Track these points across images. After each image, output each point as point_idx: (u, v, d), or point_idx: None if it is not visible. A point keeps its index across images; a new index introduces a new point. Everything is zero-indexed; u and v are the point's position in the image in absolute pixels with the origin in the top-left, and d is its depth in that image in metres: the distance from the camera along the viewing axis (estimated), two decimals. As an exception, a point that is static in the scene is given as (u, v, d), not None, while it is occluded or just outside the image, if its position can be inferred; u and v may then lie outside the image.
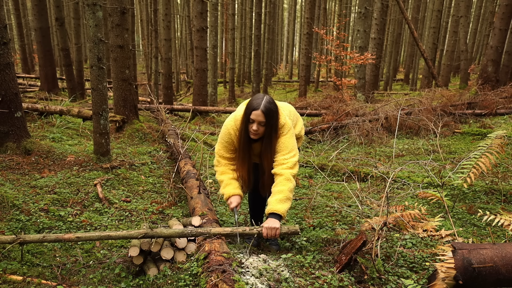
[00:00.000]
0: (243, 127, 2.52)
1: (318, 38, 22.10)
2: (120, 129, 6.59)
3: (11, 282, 2.27)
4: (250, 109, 2.43)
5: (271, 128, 2.47)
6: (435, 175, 3.64)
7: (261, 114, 2.39)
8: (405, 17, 12.79)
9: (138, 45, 31.08)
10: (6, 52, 4.27)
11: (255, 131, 2.46)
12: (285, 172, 2.46)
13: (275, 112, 2.46)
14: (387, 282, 2.22)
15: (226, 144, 2.65)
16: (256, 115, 2.40)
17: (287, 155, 2.50)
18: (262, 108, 2.39)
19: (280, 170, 2.48)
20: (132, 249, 2.43)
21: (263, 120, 2.41)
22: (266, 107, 2.40)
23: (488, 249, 1.94)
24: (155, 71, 13.64)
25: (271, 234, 2.37)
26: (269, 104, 2.42)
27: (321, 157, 5.84)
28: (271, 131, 2.48)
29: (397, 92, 17.81)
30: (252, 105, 2.43)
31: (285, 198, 2.43)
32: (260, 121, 2.42)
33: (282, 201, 2.42)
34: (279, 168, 2.49)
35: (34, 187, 3.79)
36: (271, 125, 2.46)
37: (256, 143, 2.62)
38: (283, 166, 2.48)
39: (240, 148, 2.60)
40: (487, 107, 7.80)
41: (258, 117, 2.40)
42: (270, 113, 2.41)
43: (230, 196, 2.63)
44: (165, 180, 4.54)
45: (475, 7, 25.02)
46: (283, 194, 2.43)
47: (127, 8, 6.32)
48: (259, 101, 2.42)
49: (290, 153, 2.51)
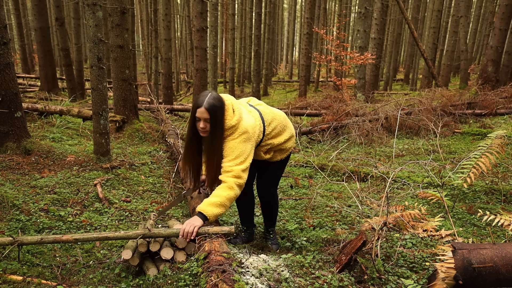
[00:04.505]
0: (190, 125, 2.49)
1: (318, 38, 22.10)
2: (120, 129, 6.59)
3: (11, 282, 2.27)
4: (195, 106, 2.40)
5: (214, 125, 2.40)
6: (435, 175, 3.64)
7: (205, 111, 2.35)
8: (405, 17, 12.79)
9: (138, 45, 31.07)
10: (6, 52, 4.27)
11: (202, 128, 2.42)
12: (229, 180, 2.41)
13: (219, 108, 2.39)
14: (387, 282, 2.22)
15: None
16: (201, 112, 2.37)
17: (233, 161, 2.42)
18: (205, 105, 2.35)
19: (225, 177, 2.43)
20: (125, 252, 2.41)
21: (207, 117, 2.37)
22: (209, 103, 2.36)
23: (488, 249, 1.94)
24: (155, 71, 13.64)
25: (187, 231, 2.33)
26: (213, 100, 2.38)
27: (321, 157, 5.84)
28: (215, 128, 2.41)
29: (397, 92, 17.80)
30: (197, 102, 2.39)
31: (219, 203, 2.39)
32: (205, 118, 2.37)
33: (214, 205, 2.39)
34: (224, 175, 2.43)
35: (34, 187, 3.79)
36: (215, 122, 2.39)
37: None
38: (228, 174, 2.42)
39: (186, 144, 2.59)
40: (487, 107, 7.80)
41: (203, 114, 2.36)
42: (213, 109, 2.36)
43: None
44: (165, 180, 4.54)
45: (475, 7, 25.01)
46: (218, 198, 2.39)
47: (127, 8, 6.32)
48: (203, 98, 2.38)
49: (236, 160, 2.41)
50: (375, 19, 12.75)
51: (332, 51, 14.15)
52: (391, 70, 21.88)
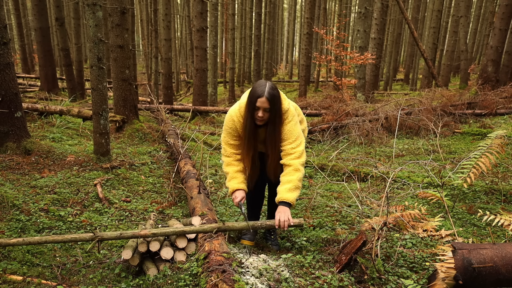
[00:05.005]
0: (248, 114, 2.57)
1: (318, 38, 22.10)
2: (120, 129, 6.59)
3: (11, 282, 2.27)
4: (255, 96, 2.49)
5: (275, 113, 2.54)
6: (435, 175, 3.64)
7: (266, 101, 2.47)
8: (405, 17, 12.79)
9: (138, 45, 31.08)
10: (6, 52, 4.27)
11: (260, 117, 2.52)
12: (294, 163, 2.55)
13: (278, 98, 2.53)
14: (387, 282, 2.22)
15: (230, 131, 2.70)
16: (261, 102, 2.47)
17: (294, 143, 2.58)
18: (266, 95, 2.47)
19: (288, 160, 2.56)
20: (125, 252, 2.41)
21: (267, 106, 2.48)
22: (270, 93, 2.48)
23: (488, 249, 1.94)
24: (155, 71, 13.64)
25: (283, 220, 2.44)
26: (272, 90, 2.50)
27: (321, 157, 5.83)
28: (275, 116, 2.55)
29: (397, 92, 17.80)
30: (256, 92, 2.49)
31: (294, 187, 2.51)
32: (265, 108, 2.49)
33: (291, 190, 2.50)
34: (287, 158, 2.57)
35: (34, 187, 3.79)
36: (275, 110, 2.53)
37: (261, 129, 2.67)
38: (291, 156, 2.56)
39: (246, 135, 2.64)
40: (487, 107, 7.79)
41: (263, 104, 2.47)
42: (274, 99, 2.49)
43: (234, 191, 2.70)
44: (165, 180, 4.54)
45: (475, 7, 25.01)
46: (292, 183, 2.51)
47: (127, 8, 6.32)
48: (262, 88, 2.49)
49: (296, 141, 2.58)
50: (375, 19, 12.75)
51: (332, 51, 14.15)
52: (391, 70, 21.88)
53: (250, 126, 2.60)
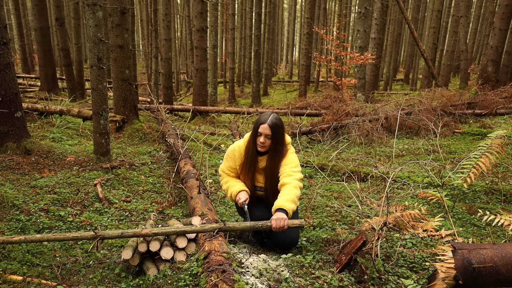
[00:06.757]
0: (251, 139, 2.74)
1: (318, 38, 22.10)
2: (120, 129, 6.59)
3: (11, 282, 2.27)
4: (258, 123, 2.68)
5: (276, 141, 2.69)
6: (435, 175, 3.64)
7: (268, 128, 2.63)
8: (405, 17, 12.79)
9: (138, 45, 31.08)
10: (6, 52, 4.27)
11: (262, 143, 2.67)
12: (294, 182, 2.63)
13: (280, 127, 2.69)
14: (387, 282, 2.22)
15: (231, 162, 2.84)
16: (264, 128, 2.65)
17: (294, 168, 2.70)
18: (269, 122, 2.64)
19: (288, 179, 2.64)
20: (125, 252, 2.41)
21: (269, 133, 2.64)
22: (272, 121, 2.65)
23: (488, 249, 1.94)
24: (155, 71, 13.64)
25: (280, 225, 2.44)
26: (275, 120, 2.68)
27: (321, 157, 5.83)
28: (276, 144, 2.69)
29: (397, 92, 17.80)
30: (260, 120, 2.69)
31: (291, 199, 2.54)
32: (267, 134, 2.65)
33: (290, 201, 2.53)
34: (287, 178, 2.65)
35: (34, 187, 3.79)
36: (277, 139, 2.68)
37: (261, 157, 2.78)
38: (291, 177, 2.65)
39: (247, 160, 2.77)
40: (487, 107, 7.79)
41: (265, 130, 2.64)
42: (275, 127, 2.65)
43: (238, 193, 2.75)
44: (165, 180, 4.54)
45: (475, 7, 25.01)
46: (290, 196, 2.55)
47: (127, 8, 6.32)
48: (266, 116, 2.69)
49: (296, 167, 2.71)
50: (375, 19, 12.75)
51: (332, 51, 14.15)
52: (391, 70, 21.88)
53: (252, 151, 2.74)
